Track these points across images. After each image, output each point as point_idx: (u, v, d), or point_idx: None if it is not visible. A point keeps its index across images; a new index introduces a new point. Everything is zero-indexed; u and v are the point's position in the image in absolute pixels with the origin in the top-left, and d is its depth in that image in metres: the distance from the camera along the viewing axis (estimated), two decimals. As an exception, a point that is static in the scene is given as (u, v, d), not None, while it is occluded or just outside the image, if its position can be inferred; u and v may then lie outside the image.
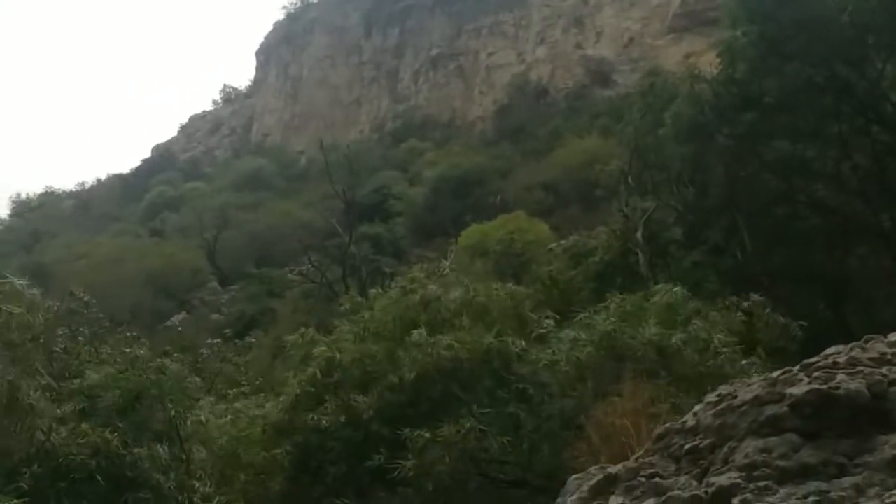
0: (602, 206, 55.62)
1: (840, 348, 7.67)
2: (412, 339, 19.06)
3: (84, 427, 18.09)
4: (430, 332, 19.46)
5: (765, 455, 6.67)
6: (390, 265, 63.76)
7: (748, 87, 35.61)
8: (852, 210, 36.38)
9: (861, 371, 6.98)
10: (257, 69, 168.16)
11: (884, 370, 6.99)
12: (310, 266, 66.02)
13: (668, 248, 39.68)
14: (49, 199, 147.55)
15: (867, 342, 7.71)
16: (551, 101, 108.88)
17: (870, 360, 7.23)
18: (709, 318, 19.37)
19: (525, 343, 19.03)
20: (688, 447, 7.40)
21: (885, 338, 7.73)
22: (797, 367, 7.39)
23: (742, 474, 6.59)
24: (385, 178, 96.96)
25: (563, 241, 46.82)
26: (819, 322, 24.06)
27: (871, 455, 6.50)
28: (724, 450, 7.01)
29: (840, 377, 6.92)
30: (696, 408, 7.83)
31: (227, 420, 22.29)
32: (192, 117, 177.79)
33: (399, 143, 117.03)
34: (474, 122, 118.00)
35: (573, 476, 8.32)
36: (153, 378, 19.86)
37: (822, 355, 7.49)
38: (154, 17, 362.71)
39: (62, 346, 20.58)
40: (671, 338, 17.34)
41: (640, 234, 39.32)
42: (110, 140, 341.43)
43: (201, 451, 20.93)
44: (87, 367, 20.80)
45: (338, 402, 19.09)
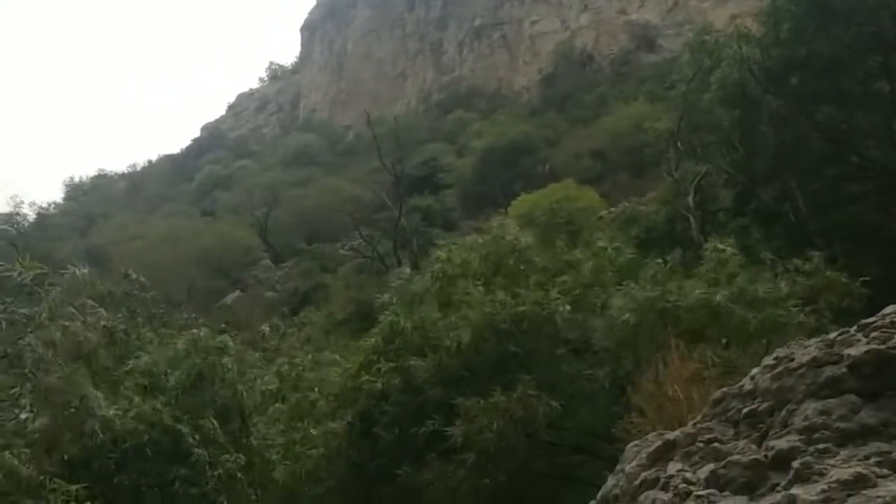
0: (651, 172, 55.26)
1: (898, 307, 7.57)
2: (472, 297, 19.01)
3: (138, 401, 18.61)
4: (509, 282, 19.47)
5: (824, 417, 6.62)
6: (441, 237, 63.81)
7: (793, 48, 35.09)
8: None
9: (919, 330, 6.92)
10: (302, 45, 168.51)
11: (942, 328, 6.92)
12: (361, 240, 66.28)
13: (720, 212, 39.37)
14: (101, 181, 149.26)
15: (924, 301, 7.62)
16: (597, 68, 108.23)
17: (928, 318, 7.15)
18: (760, 276, 19.11)
19: (580, 305, 18.94)
20: (746, 411, 7.35)
21: (943, 296, 7.64)
22: (854, 328, 7.34)
23: (801, 437, 6.55)
24: (433, 150, 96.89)
25: (612, 209, 46.66)
26: (875, 283, 23.72)
27: (932, 414, 6.45)
28: (783, 413, 6.96)
29: (898, 337, 6.86)
30: (753, 371, 7.78)
31: (290, 390, 22.58)
32: (239, 96, 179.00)
33: (445, 114, 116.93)
34: (520, 92, 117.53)
35: (631, 443, 8.32)
36: (214, 357, 20.20)
37: (879, 315, 7.40)
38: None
39: (122, 329, 20.87)
40: (717, 295, 17.14)
41: (691, 199, 39.04)
42: (160, 121, 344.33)
43: (264, 424, 21.36)
44: (148, 348, 21.21)
45: (395, 366, 19.10)
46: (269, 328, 34.47)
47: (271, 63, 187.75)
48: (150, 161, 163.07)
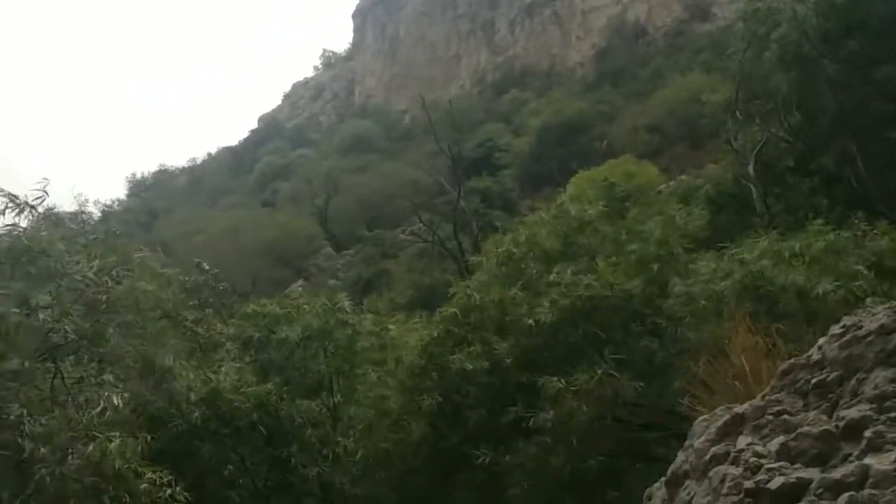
0: (709, 144, 54.86)
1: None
2: (552, 278, 18.86)
3: (250, 377, 19.55)
4: (579, 259, 19.36)
5: (895, 385, 6.58)
6: (500, 218, 63.70)
7: (850, 11, 34.61)
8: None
9: None
10: (355, 31, 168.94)
11: None
12: (421, 225, 66.40)
13: (781, 180, 38.87)
14: (163, 177, 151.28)
15: None
16: (650, 41, 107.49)
17: None
18: (842, 252, 18.49)
19: (652, 278, 18.63)
20: (814, 381, 7.29)
21: None
22: (922, 294, 7.28)
23: (872, 406, 6.50)
24: (489, 130, 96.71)
25: (671, 182, 46.35)
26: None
27: None
28: (852, 382, 6.90)
29: (967, 301, 6.78)
30: (821, 341, 7.70)
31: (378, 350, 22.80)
32: (294, 85, 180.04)
33: (500, 94, 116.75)
34: (574, 68, 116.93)
35: (700, 418, 8.29)
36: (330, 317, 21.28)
37: (947, 280, 7.35)
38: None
39: (193, 318, 21.25)
40: (817, 286, 16.49)
41: (751, 168, 38.64)
42: (218, 114, 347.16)
43: (352, 405, 21.81)
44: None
45: (482, 345, 19.02)
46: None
47: (324, 51, 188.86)
48: (209, 154, 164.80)
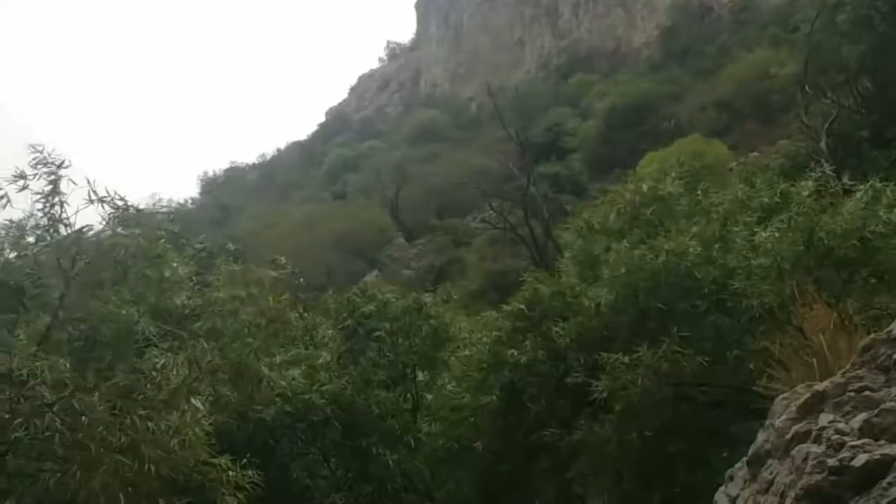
0: (779, 119, 54.21)
1: None
2: (611, 255, 18.79)
3: (321, 374, 20.05)
4: (647, 234, 19.19)
5: (976, 359, 6.56)
6: (571, 202, 63.49)
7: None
8: None
9: None
10: (418, 21, 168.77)
11: None
12: (491, 212, 66.35)
13: (857, 152, 38.30)
14: (234, 173, 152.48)
15: None
16: (716, 18, 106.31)
17: None
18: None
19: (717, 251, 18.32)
20: (896, 357, 7.28)
21: None
22: None
23: (955, 381, 6.50)
24: (556, 115, 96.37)
25: (742, 160, 45.85)
26: None
27: None
28: (936, 357, 6.88)
29: None
30: (901, 316, 7.70)
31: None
32: (360, 77, 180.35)
33: (566, 78, 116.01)
34: (639, 49, 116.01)
35: (780, 396, 8.27)
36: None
37: None
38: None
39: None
40: (873, 224, 15.93)
41: (823, 143, 38.16)
42: (286, 109, 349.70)
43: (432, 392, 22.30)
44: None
45: (538, 335, 19.12)
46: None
47: (389, 42, 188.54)
48: (278, 149, 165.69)
